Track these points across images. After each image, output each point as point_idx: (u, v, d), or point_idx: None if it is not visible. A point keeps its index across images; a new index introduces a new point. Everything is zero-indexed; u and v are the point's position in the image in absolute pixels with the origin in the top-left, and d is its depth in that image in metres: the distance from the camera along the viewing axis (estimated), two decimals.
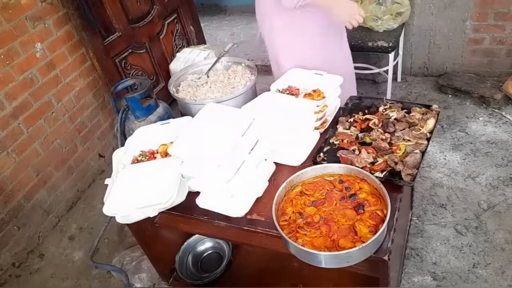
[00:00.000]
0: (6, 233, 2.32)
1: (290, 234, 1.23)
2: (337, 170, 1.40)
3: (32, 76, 2.39)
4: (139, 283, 2.11)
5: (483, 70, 2.98)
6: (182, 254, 2.04)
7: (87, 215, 2.68)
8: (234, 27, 4.83)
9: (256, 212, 1.43)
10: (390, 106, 1.72)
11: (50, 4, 2.45)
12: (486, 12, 2.74)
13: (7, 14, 2.21)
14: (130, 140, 1.66)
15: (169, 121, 1.70)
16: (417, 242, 2.06)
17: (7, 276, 2.34)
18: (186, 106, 2.20)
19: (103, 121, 2.95)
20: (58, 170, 2.62)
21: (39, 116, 2.45)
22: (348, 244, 1.18)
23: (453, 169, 2.40)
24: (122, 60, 2.92)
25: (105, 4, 2.72)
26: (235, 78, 2.33)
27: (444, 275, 1.90)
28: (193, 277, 1.98)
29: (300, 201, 1.34)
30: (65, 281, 2.28)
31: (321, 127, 1.69)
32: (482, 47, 2.90)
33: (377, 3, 2.73)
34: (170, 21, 3.36)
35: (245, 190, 1.43)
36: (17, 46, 2.28)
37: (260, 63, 3.82)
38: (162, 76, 3.33)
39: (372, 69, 3.04)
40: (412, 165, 1.41)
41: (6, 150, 2.28)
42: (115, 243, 2.41)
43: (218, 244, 2.10)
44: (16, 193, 2.36)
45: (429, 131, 1.56)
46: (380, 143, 1.51)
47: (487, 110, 2.76)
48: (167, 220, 1.70)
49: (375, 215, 1.24)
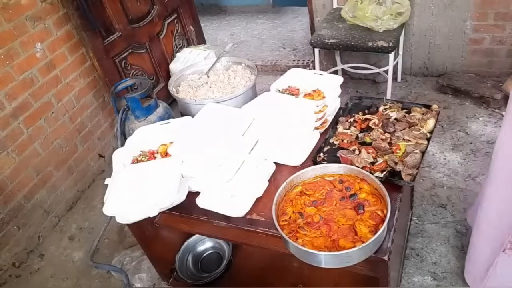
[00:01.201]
0: (6, 233, 2.32)
1: (290, 234, 1.23)
2: (337, 170, 1.40)
3: (32, 76, 2.39)
4: (139, 283, 2.11)
5: (483, 70, 2.98)
6: (182, 254, 2.04)
7: (87, 215, 2.68)
8: (234, 27, 4.83)
9: (256, 212, 1.43)
10: (390, 106, 1.72)
11: (50, 4, 2.45)
12: (486, 12, 2.73)
13: (7, 14, 2.21)
14: (130, 140, 1.66)
15: (169, 121, 1.70)
16: (417, 242, 2.06)
17: (7, 276, 2.34)
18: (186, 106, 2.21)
19: (103, 121, 2.95)
20: (58, 170, 2.62)
21: (39, 116, 2.45)
22: (348, 244, 1.18)
23: (453, 169, 2.40)
24: (122, 60, 2.92)
25: (105, 4, 2.72)
26: (235, 78, 2.33)
27: (444, 275, 1.90)
28: (193, 277, 1.98)
29: (300, 201, 1.34)
30: (65, 281, 2.28)
31: (321, 127, 1.69)
32: (482, 47, 2.89)
33: (377, 3, 2.73)
34: (170, 21, 3.36)
35: (245, 190, 1.43)
36: (17, 46, 2.28)
37: (260, 63, 3.83)
38: (162, 76, 3.33)
39: (372, 69, 3.04)
40: (412, 165, 1.41)
41: (6, 150, 2.28)
42: (115, 243, 2.41)
43: (218, 244, 2.10)
44: (16, 193, 2.36)
45: (429, 131, 1.56)
46: (380, 143, 1.51)
47: (487, 110, 2.76)
48: (167, 220, 1.70)
49: (375, 215, 1.24)
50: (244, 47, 4.32)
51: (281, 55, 4.00)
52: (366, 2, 2.73)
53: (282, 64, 3.76)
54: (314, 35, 2.72)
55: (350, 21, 2.74)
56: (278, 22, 4.74)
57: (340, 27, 2.74)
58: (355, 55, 3.18)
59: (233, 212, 1.41)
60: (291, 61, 3.80)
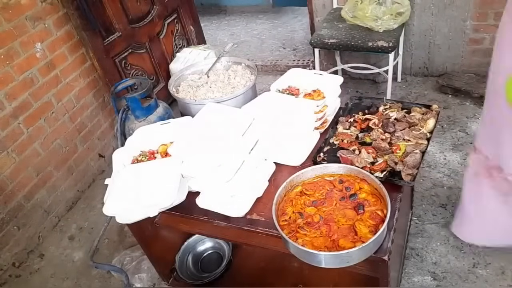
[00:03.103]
0: (6, 233, 2.32)
1: (290, 234, 1.23)
2: (337, 170, 1.40)
3: (32, 76, 2.39)
4: (139, 283, 2.11)
5: (483, 70, 2.97)
6: (182, 254, 2.04)
7: (87, 215, 2.68)
8: (234, 27, 4.83)
9: (256, 212, 1.43)
10: (390, 106, 1.72)
11: (50, 4, 2.45)
12: (486, 12, 2.73)
13: (7, 14, 2.21)
14: (130, 140, 1.66)
15: (169, 121, 1.70)
16: (417, 242, 2.06)
17: (7, 276, 2.34)
18: (186, 106, 2.21)
19: (103, 121, 2.94)
20: (58, 170, 2.62)
21: (39, 116, 2.45)
22: (348, 244, 1.18)
23: (453, 169, 2.40)
24: (122, 60, 2.92)
25: (105, 4, 2.72)
26: (235, 78, 2.33)
27: (444, 275, 1.90)
28: (193, 277, 1.98)
29: (300, 201, 1.34)
30: (65, 281, 2.28)
31: (321, 127, 1.68)
32: (482, 47, 2.89)
33: (377, 3, 2.73)
34: (170, 21, 3.36)
35: (245, 190, 1.43)
36: (17, 46, 2.28)
37: (260, 63, 3.83)
38: (162, 76, 3.33)
39: (372, 69, 3.04)
40: (412, 165, 1.41)
41: (6, 150, 2.28)
42: (115, 243, 2.41)
43: (218, 244, 2.10)
44: (16, 193, 2.36)
45: (429, 131, 1.56)
46: (380, 143, 1.51)
47: None
48: (167, 220, 1.70)
49: (375, 215, 1.24)
50: (244, 47, 4.32)
51: (281, 55, 4.00)
52: (366, 2, 2.73)
53: (282, 64, 3.76)
54: (314, 35, 2.72)
55: (350, 21, 2.74)
56: (278, 22, 4.74)
57: (340, 27, 2.74)
58: (355, 55, 3.18)
59: (233, 212, 1.41)
60: (291, 61, 3.80)
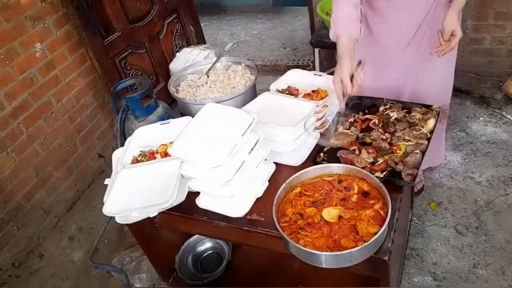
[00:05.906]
0: (6, 233, 2.32)
1: (291, 236, 1.23)
2: (337, 170, 1.40)
3: (32, 76, 2.39)
4: (139, 283, 2.10)
5: (483, 70, 2.98)
6: (182, 254, 2.03)
7: (87, 215, 2.68)
8: (234, 27, 4.83)
9: (256, 213, 1.43)
10: (390, 106, 1.72)
11: (50, 4, 2.44)
12: (486, 12, 2.73)
13: (7, 14, 2.21)
14: (130, 140, 1.65)
15: (169, 121, 1.70)
16: (417, 242, 2.05)
17: (7, 276, 2.33)
18: (186, 106, 2.20)
19: (103, 121, 2.94)
20: (58, 170, 2.62)
21: (39, 116, 2.45)
22: (350, 243, 1.18)
23: (453, 169, 2.40)
24: (122, 60, 2.92)
25: (105, 4, 2.72)
26: (235, 78, 2.32)
27: (445, 275, 1.90)
28: (193, 278, 1.98)
29: (299, 202, 1.34)
30: (65, 281, 2.28)
31: (321, 127, 1.68)
32: (483, 47, 2.89)
33: None
34: (170, 21, 3.36)
35: (245, 190, 1.42)
36: (17, 46, 2.28)
37: (260, 63, 3.83)
38: (162, 76, 3.32)
39: None
40: (412, 165, 1.41)
41: (6, 150, 2.28)
42: (115, 243, 2.41)
43: (218, 244, 2.10)
44: (16, 193, 2.36)
45: (429, 131, 1.56)
46: (380, 143, 1.51)
47: (487, 110, 2.76)
48: (167, 220, 1.69)
49: (377, 215, 1.24)
50: (244, 47, 4.32)
51: (281, 55, 4.00)
52: None
53: (282, 64, 3.76)
54: (314, 35, 2.72)
55: None
56: (278, 22, 4.74)
57: None
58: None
59: (233, 212, 1.41)
60: (291, 61, 3.80)
